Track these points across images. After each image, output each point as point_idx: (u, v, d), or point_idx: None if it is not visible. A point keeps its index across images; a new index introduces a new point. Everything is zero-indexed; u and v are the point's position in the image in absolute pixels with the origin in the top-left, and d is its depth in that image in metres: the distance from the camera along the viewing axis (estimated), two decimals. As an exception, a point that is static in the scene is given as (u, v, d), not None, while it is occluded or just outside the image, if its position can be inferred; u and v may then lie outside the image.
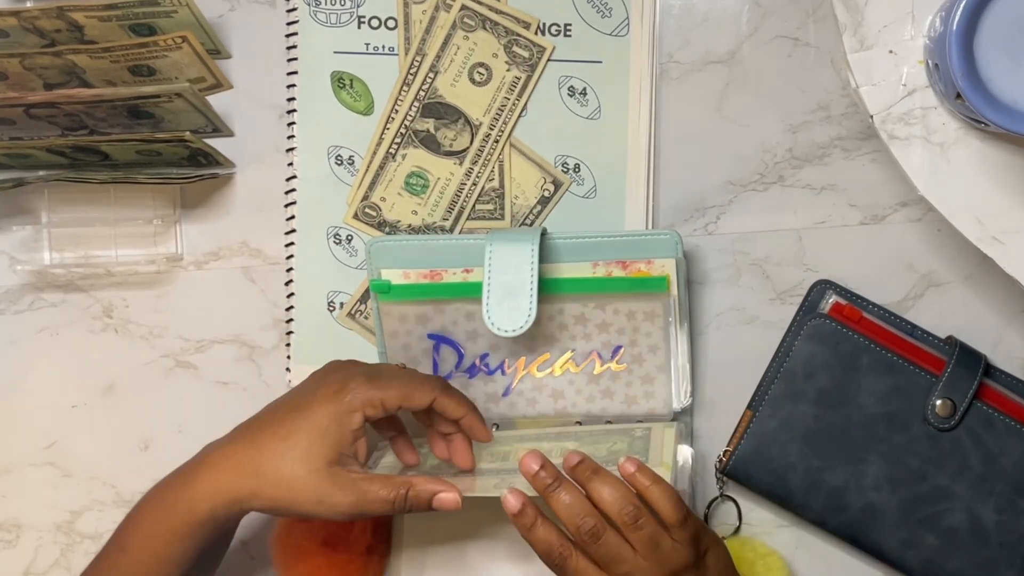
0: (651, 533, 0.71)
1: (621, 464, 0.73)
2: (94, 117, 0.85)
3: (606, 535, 0.71)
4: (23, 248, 0.91)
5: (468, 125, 0.88)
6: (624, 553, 0.71)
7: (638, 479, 0.73)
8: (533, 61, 0.86)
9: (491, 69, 0.87)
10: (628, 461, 0.73)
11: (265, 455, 0.74)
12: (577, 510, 0.72)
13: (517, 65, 0.87)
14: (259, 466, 0.73)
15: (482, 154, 0.87)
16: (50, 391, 0.91)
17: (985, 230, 0.78)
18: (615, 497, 0.72)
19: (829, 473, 0.84)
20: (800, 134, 0.87)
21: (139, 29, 0.85)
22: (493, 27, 0.86)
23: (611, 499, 0.72)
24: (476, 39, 0.87)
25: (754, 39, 0.87)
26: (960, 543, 0.83)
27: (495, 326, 0.79)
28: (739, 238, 0.88)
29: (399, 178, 0.88)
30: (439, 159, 0.88)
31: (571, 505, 0.72)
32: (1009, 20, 0.72)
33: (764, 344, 0.86)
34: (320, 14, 0.88)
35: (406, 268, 0.84)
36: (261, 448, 0.74)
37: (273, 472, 0.73)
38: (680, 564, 0.72)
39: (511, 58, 0.87)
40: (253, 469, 0.73)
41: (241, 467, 0.74)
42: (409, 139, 0.88)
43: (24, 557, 0.91)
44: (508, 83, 0.87)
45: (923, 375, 0.83)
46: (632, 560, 0.71)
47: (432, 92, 0.87)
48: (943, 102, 0.77)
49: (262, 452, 0.74)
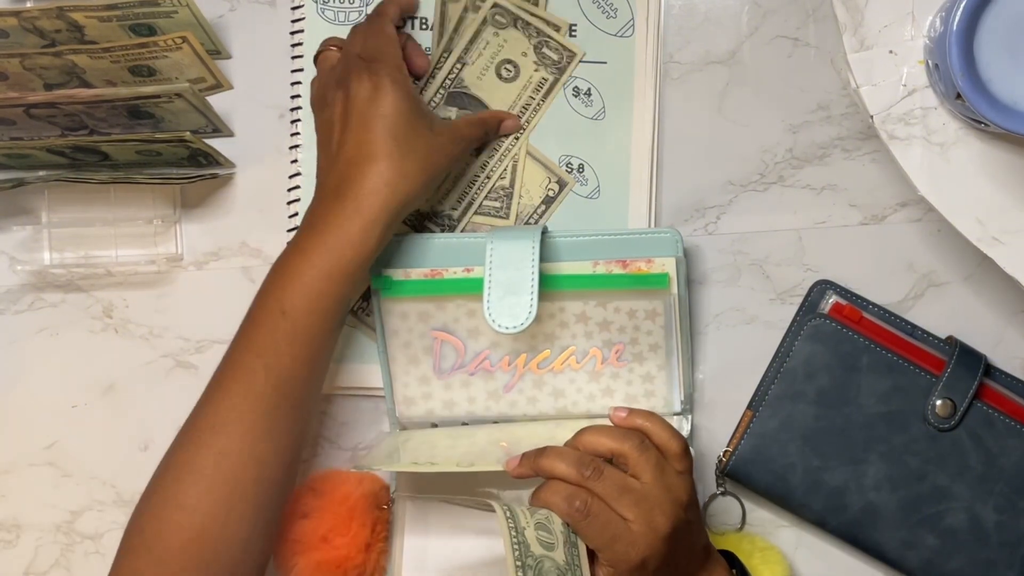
0: (657, 457, 0.72)
1: (612, 413, 0.75)
2: (94, 117, 0.85)
3: (607, 469, 0.72)
4: (23, 248, 0.91)
5: None
6: (631, 482, 0.72)
7: (633, 419, 0.73)
8: (562, 64, 0.87)
9: (519, 67, 0.87)
10: (618, 408, 0.74)
11: (401, 164, 0.76)
12: (572, 458, 0.72)
13: (546, 67, 0.87)
14: (402, 173, 0.76)
15: (499, 150, 0.87)
16: (50, 391, 0.91)
17: (985, 230, 0.78)
18: (614, 435, 0.72)
19: (829, 473, 0.84)
20: (800, 134, 0.87)
21: (139, 29, 0.85)
22: (524, 27, 0.87)
23: (610, 437, 0.72)
24: (506, 36, 0.87)
25: (754, 39, 0.87)
26: (960, 543, 0.83)
27: (496, 323, 0.79)
28: (739, 238, 0.88)
29: None
30: None
31: (564, 455, 0.72)
32: (1009, 20, 0.72)
33: (764, 344, 0.86)
34: (328, 11, 0.88)
35: (407, 268, 0.84)
36: (394, 161, 0.76)
37: (415, 170, 0.77)
38: (684, 494, 0.72)
39: (540, 59, 0.87)
40: (401, 175, 0.76)
41: (392, 183, 0.76)
42: None
43: (24, 557, 0.91)
44: (535, 83, 0.87)
45: (923, 375, 0.83)
46: (640, 487, 0.71)
47: (458, 82, 0.87)
48: (943, 102, 0.77)
49: (399, 163, 0.76)
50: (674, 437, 0.74)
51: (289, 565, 0.84)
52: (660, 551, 0.72)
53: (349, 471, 0.87)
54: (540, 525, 0.71)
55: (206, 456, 0.73)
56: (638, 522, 0.71)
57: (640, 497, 0.72)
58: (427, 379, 0.86)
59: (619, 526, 0.71)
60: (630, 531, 0.71)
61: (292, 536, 0.83)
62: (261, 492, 0.75)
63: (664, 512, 0.72)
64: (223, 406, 0.74)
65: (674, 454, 0.74)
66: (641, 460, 0.72)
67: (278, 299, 0.75)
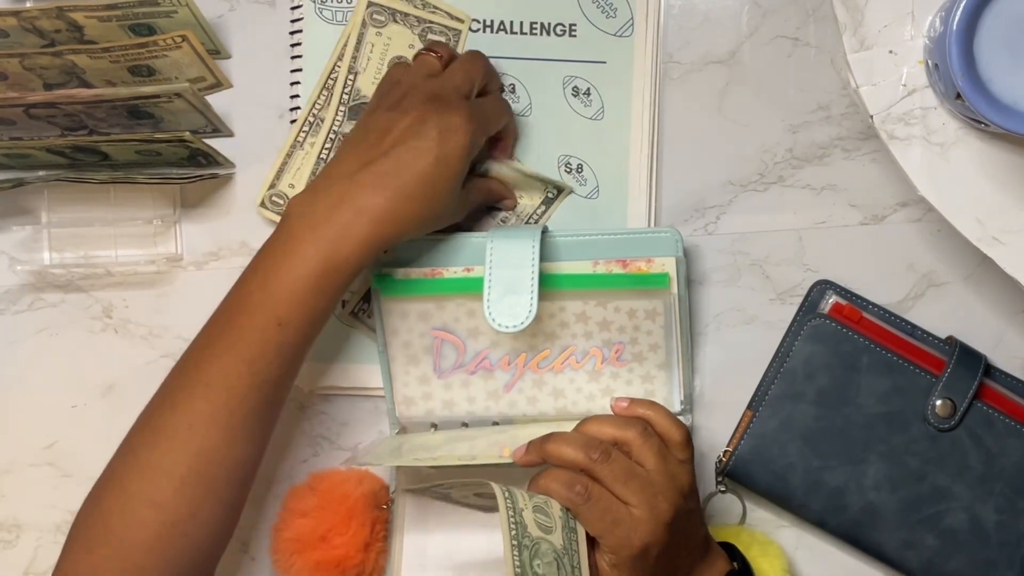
0: (660, 445, 0.72)
1: (614, 404, 0.75)
2: (94, 117, 0.85)
3: (615, 453, 0.72)
4: (23, 248, 0.91)
5: None
6: (636, 468, 0.71)
7: (635, 408, 0.73)
8: (451, 45, 0.86)
9: None
10: (620, 398, 0.74)
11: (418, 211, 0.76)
12: (579, 442, 0.72)
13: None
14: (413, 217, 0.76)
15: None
16: (50, 391, 0.91)
17: (985, 230, 0.78)
18: (617, 423, 0.72)
19: (829, 473, 0.84)
20: (800, 134, 0.87)
21: (139, 29, 0.85)
22: (404, 18, 0.86)
23: (613, 425, 0.72)
24: (389, 33, 0.86)
25: (754, 39, 0.87)
26: (960, 543, 0.83)
27: (496, 322, 0.79)
28: (739, 238, 0.88)
29: None
30: None
31: (571, 439, 0.72)
32: (1009, 20, 0.72)
33: (764, 344, 0.86)
34: (326, 11, 0.88)
35: (407, 268, 0.84)
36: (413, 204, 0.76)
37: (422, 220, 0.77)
38: (687, 482, 0.72)
39: None
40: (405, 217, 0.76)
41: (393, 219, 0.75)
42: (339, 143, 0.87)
43: (24, 557, 0.91)
44: None
45: (923, 375, 0.83)
46: (644, 473, 0.71)
47: (355, 93, 0.87)
48: (943, 102, 0.77)
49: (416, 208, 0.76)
50: (676, 426, 0.74)
51: (288, 564, 0.84)
52: (662, 538, 0.71)
53: (349, 471, 0.87)
54: (538, 508, 0.71)
55: (181, 455, 0.72)
56: (641, 507, 0.71)
57: (645, 483, 0.71)
58: (427, 379, 0.86)
59: (621, 510, 0.71)
60: (632, 516, 0.71)
61: (291, 535, 0.84)
62: (232, 491, 0.75)
63: (667, 499, 0.72)
64: (202, 405, 0.73)
65: (676, 443, 0.74)
66: (644, 447, 0.72)
67: (272, 308, 0.74)
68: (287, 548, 0.84)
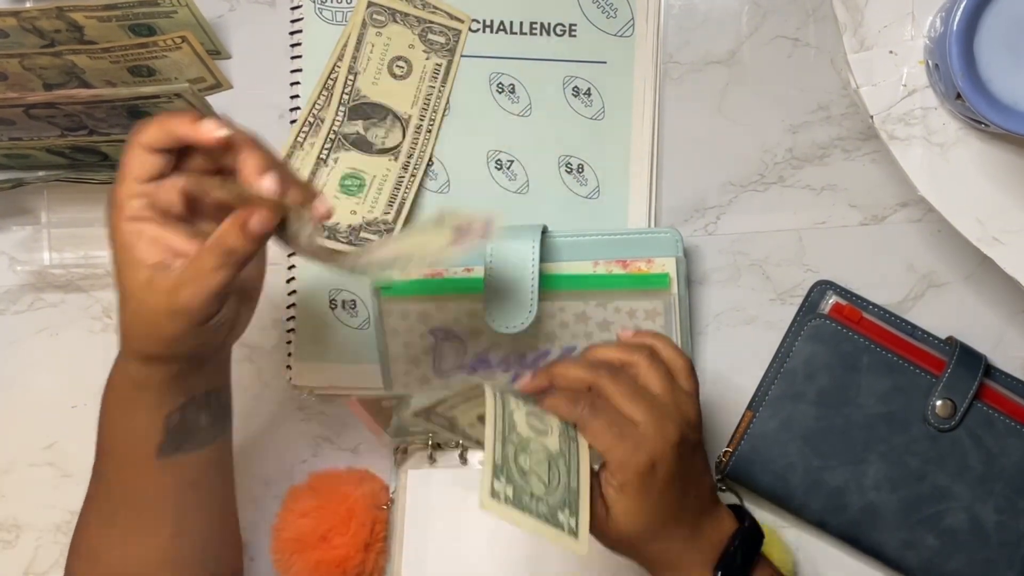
0: (666, 371, 0.70)
1: (620, 333, 0.73)
2: (94, 117, 0.85)
3: (623, 372, 0.70)
4: (23, 248, 0.91)
5: (398, 120, 0.87)
6: (643, 389, 0.69)
7: (642, 337, 0.72)
8: (451, 45, 0.86)
9: (410, 61, 0.87)
10: (624, 330, 0.74)
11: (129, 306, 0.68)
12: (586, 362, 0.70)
13: (435, 52, 0.87)
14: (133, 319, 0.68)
15: (416, 146, 0.87)
16: (50, 391, 0.91)
17: (985, 230, 0.78)
18: (623, 348, 0.71)
19: (829, 473, 0.84)
20: (800, 134, 0.87)
21: (139, 29, 0.85)
22: (404, 18, 0.86)
23: (619, 350, 0.71)
24: (389, 33, 0.87)
25: (754, 39, 0.87)
26: (960, 543, 0.83)
27: (496, 323, 0.79)
28: (739, 238, 0.88)
29: (333, 182, 0.87)
30: (372, 158, 0.87)
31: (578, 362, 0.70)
32: (1009, 20, 0.72)
33: (764, 344, 0.86)
34: (326, 12, 0.88)
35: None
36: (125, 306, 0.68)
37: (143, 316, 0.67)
38: (692, 413, 0.71)
39: (428, 46, 0.87)
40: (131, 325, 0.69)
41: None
42: (339, 143, 0.87)
43: (24, 557, 0.91)
44: (430, 72, 0.87)
45: (923, 375, 0.83)
46: (652, 396, 0.69)
47: (355, 93, 0.87)
48: (943, 102, 0.77)
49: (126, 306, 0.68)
50: (680, 355, 0.72)
51: (288, 564, 0.84)
52: (669, 457, 0.68)
53: (349, 471, 0.87)
54: (533, 414, 0.68)
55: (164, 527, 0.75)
56: (648, 424, 0.68)
57: (652, 403, 0.69)
58: (427, 379, 0.86)
59: (626, 425, 0.68)
60: (638, 431, 0.68)
61: (291, 536, 0.84)
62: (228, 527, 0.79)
63: (674, 422, 0.69)
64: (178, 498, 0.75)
65: (681, 371, 0.72)
66: (651, 370, 0.70)
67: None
68: (287, 548, 0.84)
